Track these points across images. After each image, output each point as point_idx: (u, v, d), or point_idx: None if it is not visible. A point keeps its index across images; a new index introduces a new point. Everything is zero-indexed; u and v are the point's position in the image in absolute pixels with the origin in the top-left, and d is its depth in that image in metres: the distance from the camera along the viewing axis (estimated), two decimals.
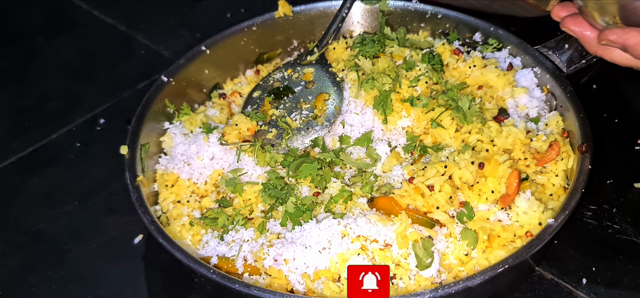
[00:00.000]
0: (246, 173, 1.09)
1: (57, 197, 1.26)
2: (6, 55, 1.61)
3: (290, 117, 1.16)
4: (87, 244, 1.17)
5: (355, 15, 1.36)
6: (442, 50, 1.22)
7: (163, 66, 1.52)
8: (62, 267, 1.14)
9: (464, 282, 0.88)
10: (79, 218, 1.22)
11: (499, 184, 1.01)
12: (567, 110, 1.14)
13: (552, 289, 1.06)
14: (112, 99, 1.47)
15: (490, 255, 0.97)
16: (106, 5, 1.73)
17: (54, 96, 1.49)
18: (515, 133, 1.08)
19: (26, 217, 1.23)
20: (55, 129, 1.40)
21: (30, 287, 1.11)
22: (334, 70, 1.22)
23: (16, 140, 1.38)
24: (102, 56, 1.60)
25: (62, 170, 1.32)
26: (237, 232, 1.02)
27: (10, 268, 1.14)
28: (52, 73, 1.56)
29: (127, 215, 1.20)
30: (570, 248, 1.11)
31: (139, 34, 1.65)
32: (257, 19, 1.33)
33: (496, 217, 1.00)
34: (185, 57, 1.27)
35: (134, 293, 1.09)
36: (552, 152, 1.07)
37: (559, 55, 1.20)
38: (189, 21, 1.67)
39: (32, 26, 1.69)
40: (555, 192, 1.06)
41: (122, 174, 1.22)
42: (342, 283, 0.95)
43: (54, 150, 1.36)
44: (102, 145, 1.36)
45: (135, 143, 1.10)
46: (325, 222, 0.98)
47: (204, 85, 1.30)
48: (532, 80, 1.21)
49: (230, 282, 0.89)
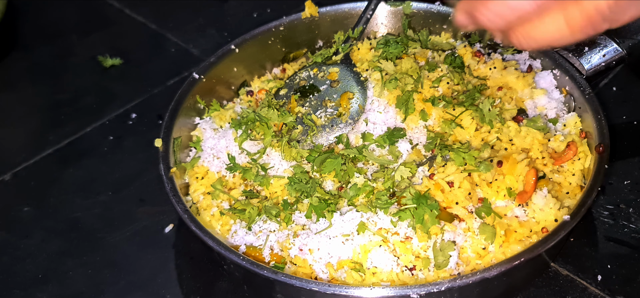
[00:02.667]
0: (273, 167, 1.14)
1: (91, 187, 1.32)
2: (43, 52, 1.67)
3: (316, 114, 1.21)
4: (120, 232, 1.23)
5: (380, 16, 1.40)
6: (463, 52, 1.26)
7: (192, 64, 1.59)
8: (97, 254, 1.19)
9: (481, 273, 0.92)
10: (112, 207, 1.28)
11: (516, 182, 1.04)
12: (585, 112, 1.16)
13: (568, 285, 1.09)
14: (143, 95, 1.52)
15: (507, 249, 1.01)
16: (137, 4, 1.79)
17: (88, 91, 1.55)
18: (533, 133, 1.11)
19: (63, 205, 1.29)
20: (90, 122, 1.46)
21: (68, 271, 1.17)
22: (358, 70, 1.26)
23: (53, 133, 1.44)
24: (134, 53, 1.65)
25: (96, 162, 1.38)
26: (264, 223, 1.07)
27: (49, 254, 1.20)
28: (86, 69, 1.62)
29: (158, 206, 1.25)
30: (586, 246, 1.14)
31: (169, 33, 1.70)
32: (284, 19, 1.37)
33: (513, 213, 1.04)
34: (215, 55, 1.32)
35: (164, 279, 1.14)
36: (570, 152, 1.10)
37: (579, 58, 1.23)
38: (217, 20, 1.73)
39: (67, 24, 1.75)
40: (571, 191, 1.09)
41: (153, 166, 1.29)
42: (364, 272, 0.99)
43: (89, 143, 1.42)
44: (133, 138, 1.42)
45: (168, 136, 1.16)
46: (348, 214, 1.03)
47: (233, 83, 1.35)
48: (552, 82, 1.23)
49: (259, 268, 0.95)
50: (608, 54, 1.21)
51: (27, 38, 1.71)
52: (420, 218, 0.99)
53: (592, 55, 1.22)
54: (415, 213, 0.99)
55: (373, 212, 1.03)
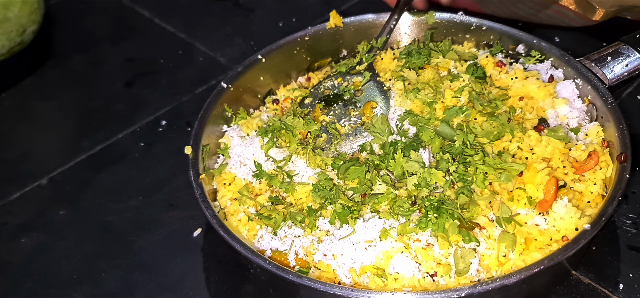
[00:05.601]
0: (298, 174, 1.17)
1: (123, 192, 1.36)
2: (77, 60, 1.73)
3: (340, 123, 1.24)
4: (150, 236, 1.27)
5: (403, 26, 1.42)
6: (485, 62, 1.28)
7: (219, 72, 1.64)
8: (129, 256, 1.24)
9: (501, 280, 0.94)
10: (143, 212, 1.32)
11: (537, 190, 1.06)
12: (607, 121, 1.17)
13: (589, 293, 1.10)
14: (172, 102, 1.57)
15: (527, 257, 1.02)
16: (167, 14, 1.84)
17: (120, 99, 1.60)
18: (554, 142, 1.13)
19: (96, 209, 1.34)
20: (121, 129, 1.51)
21: (101, 273, 1.21)
22: (382, 79, 1.29)
23: (87, 139, 1.49)
24: (163, 62, 1.70)
25: (127, 168, 1.42)
26: (289, 228, 1.10)
27: (83, 255, 1.25)
28: (118, 77, 1.67)
29: (187, 211, 1.30)
30: (608, 255, 1.15)
31: (197, 42, 1.75)
32: (310, 30, 1.41)
33: (534, 221, 1.05)
34: (242, 65, 1.36)
35: (193, 282, 1.18)
36: (591, 162, 1.11)
37: (601, 67, 1.23)
38: (244, 30, 1.76)
39: (99, 34, 1.81)
40: (593, 200, 1.10)
41: (183, 172, 1.33)
42: (386, 278, 1.02)
43: (120, 149, 1.47)
44: (163, 145, 1.47)
45: (197, 143, 1.20)
46: (371, 221, 1.06)
47: (259, 92, 1.39)
48: (574, 92, 1.24)
49: (285, 272, 0.98)
50: (631, 63, 1.22)
51: (62, 47, 1.77)
52: (441, 228, 1.01)
53: (615, 65, 1.23)
54: (436, 222, 1.02)
55: (395, 219, 1.05)
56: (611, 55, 1.24)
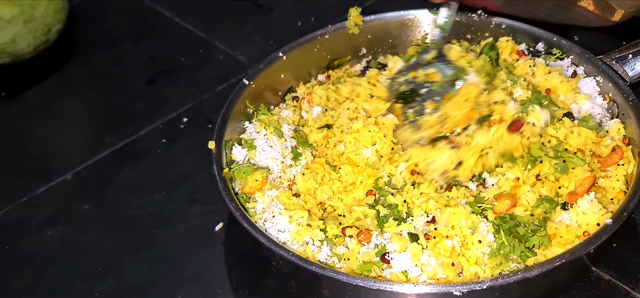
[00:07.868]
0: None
1: (146, 187, 1.38)
2: (100, 58, 1.76)
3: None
4: (173, 230, 1.29)
5: (424, 22, 1.43)
6: (504, 45, 1.27)
7: (239, 70, 1.65)
8: (152, 249, 1.26)
9: (522, 272, 0.95)
10: (165, 206, 1.34)
11: (570, 182, 1.07)
12: (628, 118, 1.17)
13: (610, 289, 1.10)
14: (193, 100, 1.59)
15: (548, 252, 1.03)
16: (187, 13, 1.86)
17: (142, 96, 1.62)
18: (586, 132, 1.13)
19: (120, 203, 1.36)
20: (143, 126, 1.53)
21: (125, 266, 1.23)
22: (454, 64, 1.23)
23: (110, 135, 1.52)
24: (184, 60, 1.72)
25: (150, 163, 1.44)
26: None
27: (108, 248, 1.27)
28: (139, 75, 1.69)
29: (209, 205, 1.31)
30: (629, 252, 1.15)
31: (217, 40, 1.77)
32: (330, 28, 1.42)
33: (560, 218, 1.06)
34: (264, 62, 1.37)
35: (215, 274, 1.20)
36: (615, 156, 1.11)
37: (623, 65, 1.24)
38: (263, 28, 1.78)
39: (121, 33, 1.83)
40: (615, 196, 1.10)
41: (204, 168, 1.35)
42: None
43: (143, 145, 1.49)
44: (185, 141, 1.49)
45: (221, 139, 1.21)
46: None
47: (279, 89, 1.40)
48: (594, 89, 1.25)
49: (308, 264, 0.99)
50: None
51: (85, 46, 1.80)
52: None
53: (636, 63, 1.23)
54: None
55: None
56: (633, 53, 1.24)
